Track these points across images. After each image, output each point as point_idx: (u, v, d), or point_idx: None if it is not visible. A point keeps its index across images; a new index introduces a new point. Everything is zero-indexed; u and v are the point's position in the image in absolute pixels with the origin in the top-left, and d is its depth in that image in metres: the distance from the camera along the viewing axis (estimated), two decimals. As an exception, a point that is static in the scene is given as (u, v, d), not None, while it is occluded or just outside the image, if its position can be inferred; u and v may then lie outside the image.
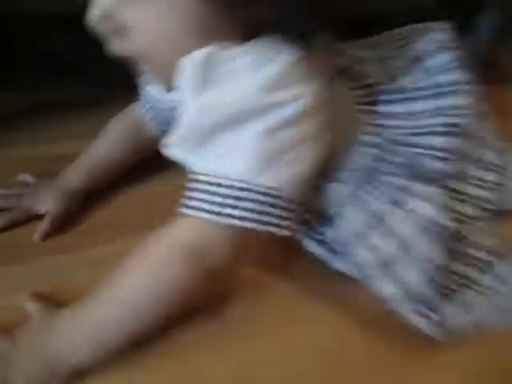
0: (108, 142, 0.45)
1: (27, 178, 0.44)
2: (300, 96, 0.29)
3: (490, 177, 0.43)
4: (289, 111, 0.29)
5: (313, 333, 0.34)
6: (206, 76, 0.29)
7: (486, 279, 0.38)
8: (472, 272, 0.39)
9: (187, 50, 0.29)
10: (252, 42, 0.29)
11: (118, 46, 0.31)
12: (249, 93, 0.28)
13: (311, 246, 0.39)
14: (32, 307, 0.33)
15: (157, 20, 0.29)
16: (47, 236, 0.39)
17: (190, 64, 0.29)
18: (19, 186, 0.43)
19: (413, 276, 0.33)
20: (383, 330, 0.35)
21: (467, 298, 0.36)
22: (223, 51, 0.29)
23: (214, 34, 0.29)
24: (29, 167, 0.45)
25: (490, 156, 0.44)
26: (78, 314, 0.30)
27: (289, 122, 0.29)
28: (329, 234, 0.38)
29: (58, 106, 0.54)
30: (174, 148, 0.31)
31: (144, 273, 0.30)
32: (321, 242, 0.39)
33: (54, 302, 0.33)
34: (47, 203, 0.41)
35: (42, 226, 0.39)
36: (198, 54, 0.28)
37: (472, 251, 0.39)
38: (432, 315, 0.33)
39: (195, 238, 0.30)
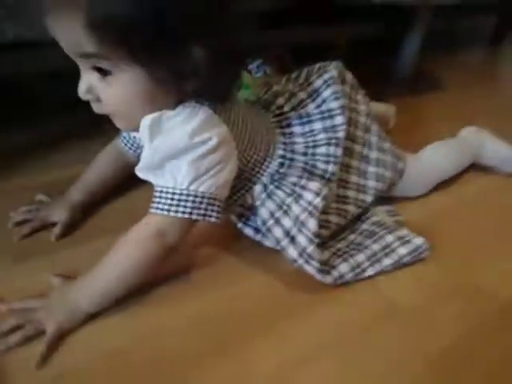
0: (98, 167, 0.61)
1: (43, 197, 0.60)
2: (214, 136, 0.44)
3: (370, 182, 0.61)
4: (208, 146, 0.44)
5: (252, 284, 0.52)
6: (154, 131, 0.44)
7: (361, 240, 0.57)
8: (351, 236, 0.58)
9: (140, 113, 0.43)
10: (181, 106, 0.44)
11: (97, 108, 0.45)
12: (182, 137, 0.43)
13: (247, 231, 0.56)
14: (54, 279, 0.49)
15: (119, 96, 0.43)
16: (60, 237, 0.55)
17: (144, 124, 0.44)
18: (38, 203, 0.59)
19: (305, 243, 0.50)
20: (295, 280, 0.52)
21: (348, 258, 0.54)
22: (163, 115, 0.44)
23: (156, 101, 0.43)
24: (43, 189, 0.61)
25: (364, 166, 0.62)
26: (88, 279, 0.46)
27: (209, 152, 0.44)
28: (257, 220, 0.54)
29: (63, 139, 0.70)
30: (140, 172, 0.47)
31: (126, 249, 0.46)
32: (253, 227, 0.56)
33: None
34: (58, 214, 0.57)
35: (55, 230, 0.56)
36: (148, 118, 0.43)
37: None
38: (320, 268, 0.50)
39: (159, 226, 0.46)
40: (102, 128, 0.54)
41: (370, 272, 0.55)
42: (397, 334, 0.49)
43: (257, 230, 0.56)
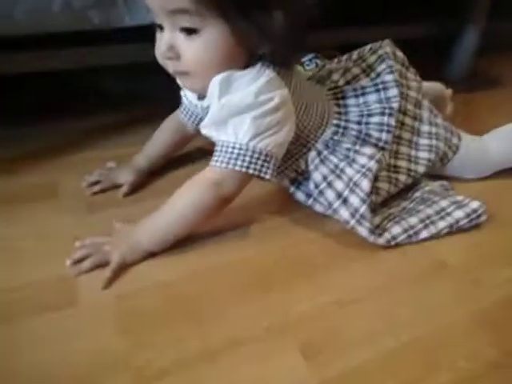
0: (160, 137, 0.67)
1: (112, 164, 0.68)
2: (276, 96, 0.48)
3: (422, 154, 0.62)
4: (270, 105, 0.48)
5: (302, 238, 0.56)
6: (223, 89, 0.48)
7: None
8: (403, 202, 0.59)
9: (214, 72, 0.47)
10: (249, 67, 0.48)
11: (173, 66, 0.48)
12: (248, 95, 0.47)
13: (299, 195, 0.59)
14: (117, 224, 0.54)
15: (201, 52, 0.46)
16: (126, 195, 0.62)
17: (215, 82, 0.48)
18: (108, 168, 0.67)
19: (357, 203, 0.52)
20: (342, 238, 0.55)
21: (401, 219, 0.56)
22: (232, 74, 0.47)
23: (232, 60, 0.47)
24: (111, 159, 0.70)
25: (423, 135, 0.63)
26: (149, 221, 0.51)
27: (271, 111, 0.48)
28: (310, 184, 0.57)
29: (129, 124, 0.80)
30: (205, 128, 0.52)
31: (187, 195, 0.51)
32: (304, 192, 0.59)
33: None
34: (125, 177, 0.63)
35: (123, 189, 0.62)
36: (219, 77, 0.47)
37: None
38: (372, 229, 0.52)
39: (218, 177, 0.49)
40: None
41: (424, 234, 0.55)
42: (443, 289, 0.50)
43: (308, 196, 0.58)
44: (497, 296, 0.49)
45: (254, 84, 0.48)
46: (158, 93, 0.80)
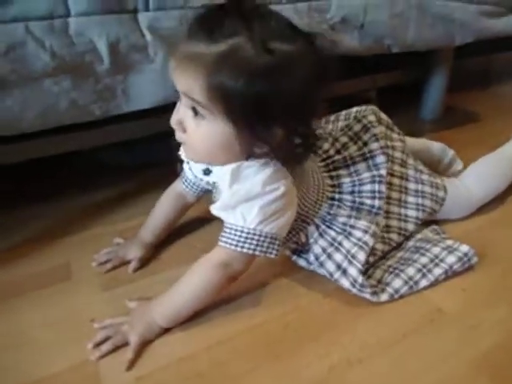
0: (162, 209, 0.70)
1: (118, 240, 0.71)
2: (281, 186, 0.51)
3: (410, 212, 0.67)
4: (276, 194, 0.51)
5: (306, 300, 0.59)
6: (234, 178, 0.51)
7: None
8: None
9: (212, 155, 0.51)
10: (253, 159, 0.51)
11: (179, 137, 0.51)
12: (256, 185, 0.50)
13: (301, 262, 0.64)
14: (132, 303, 0.57)
15: (203, 136, 0.49)
16: (136, 270, 0.65)
17: (226, 172, 0.51)
18: (115, 245, 0.70)
19: (355, 274, 0.56)
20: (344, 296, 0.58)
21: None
22: (242, 165, 0.51)
23: (230, 151, 0.49)
24: (120, 233, 0.73)
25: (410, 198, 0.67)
26: (162, 300, 0.54)
27: (276, 199, 0.51)
28: (310, 256, 0.62)
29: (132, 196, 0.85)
30: (215, 210, 0.55)
31: (196, 277, 0.54)
32: (306, 260, 0.64)
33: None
34: (133, 253, 0.66)
35: (132, 265, 0.65)
36: (230, 167, 0.51)
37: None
38: (373, 292, 0.56)
39: (225, 258, 0.53)
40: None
41: (424, 283, 0.59)
42: (443, 337, 0.53)
43: (310, 263, 0.63)
44: (494, 339, 0.52)
45: (261, 174, 0.51)
46: (159, 159, 0.83)
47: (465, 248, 0.62)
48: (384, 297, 0.57)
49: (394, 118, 0.73)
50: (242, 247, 0.52)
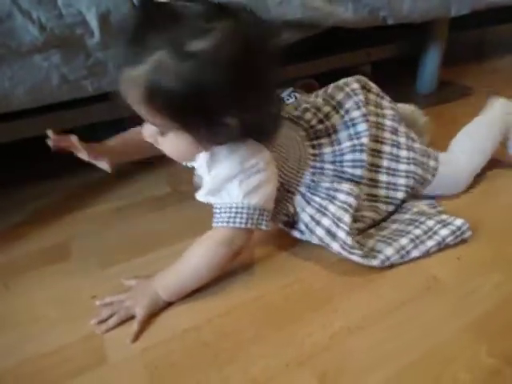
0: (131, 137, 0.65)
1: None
2: (259, 160, 0.53)
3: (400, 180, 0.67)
4: (256, 168, 0.53)
5: (304, 272, 0.60)
6: (210, 165, 0.54)
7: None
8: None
9: (188, 157, 0.56)
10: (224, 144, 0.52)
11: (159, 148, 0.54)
12: (234, 166, 0.52)
13: (295, 234, 0.64)
14: (129, 281, 0.58)
15: (171, 147, 0.53)
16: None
17: (201, 163, 0.55)
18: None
19: (344, 236, 0.57)
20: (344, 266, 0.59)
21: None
22: (213, 152, 0.53)
23: (199, 149, 0.52)
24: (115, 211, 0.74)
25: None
26: (166, 275, 0.55)
27: (257, 173, 0.53)
28: (301, 224, 0.62)
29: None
30: (201, 197, 0.57)
31: (197, 253, 0.55)
32: (299, 230, 0.64)
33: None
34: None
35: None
36: (204, 158, 0.54)
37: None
38: (363, 254, 0.57)
39: (222, 236, 0.54)
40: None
41: (415, 253, 0.60)
42: (438, 304, 0.54)
43: (302, 232, 0.63)
44: (490, 304, 0.54)
45: (235, 154, 0.53)
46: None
47: (459, 222, 0.62)
48: (375, 262, 0.57)
49: (390, 92, 0.72)
50: (234, 222, 0.53)
